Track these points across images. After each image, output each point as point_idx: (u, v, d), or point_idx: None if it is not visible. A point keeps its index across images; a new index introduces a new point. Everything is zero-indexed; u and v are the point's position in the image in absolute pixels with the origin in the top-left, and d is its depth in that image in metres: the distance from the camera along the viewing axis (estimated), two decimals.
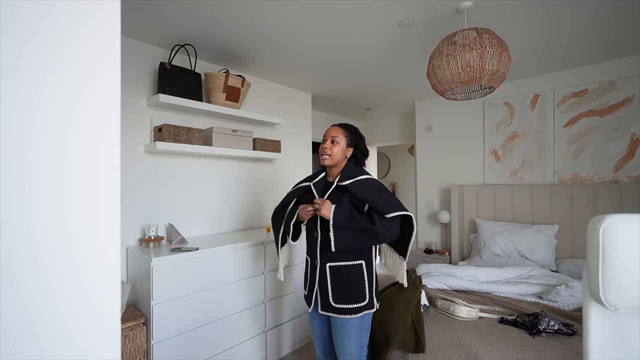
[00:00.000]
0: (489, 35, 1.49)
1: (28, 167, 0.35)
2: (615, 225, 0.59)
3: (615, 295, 0.59)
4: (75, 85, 0.38)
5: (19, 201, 0.34)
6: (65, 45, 0.37)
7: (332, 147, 1.38)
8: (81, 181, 0.38)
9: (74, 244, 0.38)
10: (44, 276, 0.36)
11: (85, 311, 0.39)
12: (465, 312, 1.70)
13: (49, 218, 0.36)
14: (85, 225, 0.38)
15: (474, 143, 3.18)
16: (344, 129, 1.42)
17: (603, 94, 2.49)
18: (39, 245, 0.36)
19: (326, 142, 1.39)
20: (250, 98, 2.66)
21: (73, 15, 0.38)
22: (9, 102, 0.34)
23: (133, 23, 1.81)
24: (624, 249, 0.58)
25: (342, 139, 1.39)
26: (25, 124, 0.35)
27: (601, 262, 0.60)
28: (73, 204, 0.38)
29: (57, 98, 0.37)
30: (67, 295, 0.37)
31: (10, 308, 0.34)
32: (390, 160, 6.09)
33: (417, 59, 2.36)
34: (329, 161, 1.38)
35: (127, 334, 1.58)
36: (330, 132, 1.40)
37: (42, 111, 0.36)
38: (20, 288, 0.34)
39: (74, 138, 0.38)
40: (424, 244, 3.57)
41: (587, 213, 2.47)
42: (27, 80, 0.35)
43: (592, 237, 0.61)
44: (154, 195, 2.08)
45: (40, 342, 0.36)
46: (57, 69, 0.37)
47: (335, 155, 1.38)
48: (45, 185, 0.36)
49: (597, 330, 0.66)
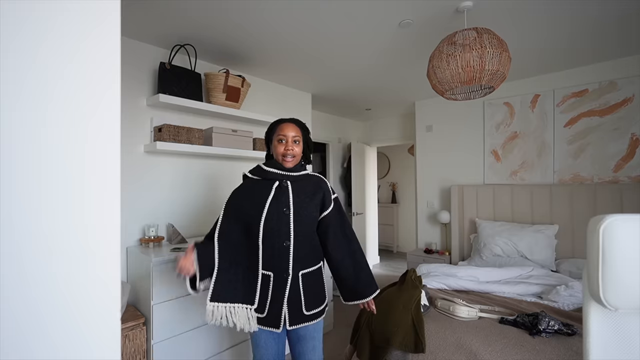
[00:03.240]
0: (489, 35, 1.49)
1: (28, 167, 0.35)
2: (615, 225, 0.59)
3: (615, 295, 0.59)
4: (75, 85, 0.38)
5: (18, 201, 0.34)
6: (65, 46, 0.37)
7: (295, 147, 1.30)
8: (81, 181, 0.38)
9: (74, 243, 0.38)
10: (44, 276, 0.36)
11: (85, 311, 0.39)
12: (465, 312, 1.70)
13: (48, 218, 0.36)
14: (85, 225, 0.38)
15: (474, 143, 3.18)
16: (301, 127, 1.34)
17: (603, 94, 2.49)
18: (38, 245, 0.36)
19: (288, 143, 1.28)
20: (250, 98, 2.66)
21: (73, 15, 0.38)
22: (10, 102, 0.34)
23: (133, 23, 1.81)
24: (624, 249, 0.58)
25: (300, 138, 1.32)
26: (25, 124, 0.35)
27: (601, 262, 0.60)
28: (73, 204, 0.38)
29: (57, 98, 0.37)
30: (67, 295, 0.37)
31: (9, 308, 0.34)
32: (390, 160, 6.09)
33: (417, 59, 2.36)
34: (292, 163, 1.30)
35: (127, 334, 1.58)
36: (290, 131, 1.29)
37: (42, 112, 0.36)
38: (20, 288, 0.34)
39: (74, 138, 0.38)
40: (424, 244, 3.57)
41: (587, 213, 2.47)
42: (27, 81, 0.35)
43: (592, 237, 0.61)
44: (154, 195, 2.08)
45: (41, 342, 0.36)
46: (57, 69, 0.37)
47: (298, 155, 1.31)
48: (45, 185, 0.36)
49: (597, 330, 0.66)
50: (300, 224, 1.25)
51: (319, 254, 1.34)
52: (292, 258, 1.23)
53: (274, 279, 1.23)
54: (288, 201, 1.25)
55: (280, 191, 1.26)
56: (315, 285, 1.30)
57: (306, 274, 1.27)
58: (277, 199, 1.25)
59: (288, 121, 1.33)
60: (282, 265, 1.23)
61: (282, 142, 1.29)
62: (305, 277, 1.27)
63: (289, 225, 1.23)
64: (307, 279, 1.27)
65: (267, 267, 1.24)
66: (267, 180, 1.29)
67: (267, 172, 1.29)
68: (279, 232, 1.23)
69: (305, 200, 1.28)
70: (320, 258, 1.34)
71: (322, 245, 1.35)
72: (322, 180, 1.37)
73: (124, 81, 1.94)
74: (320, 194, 1.32)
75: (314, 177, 1.37)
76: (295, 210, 1.24)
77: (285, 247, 1.23)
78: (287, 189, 1.27)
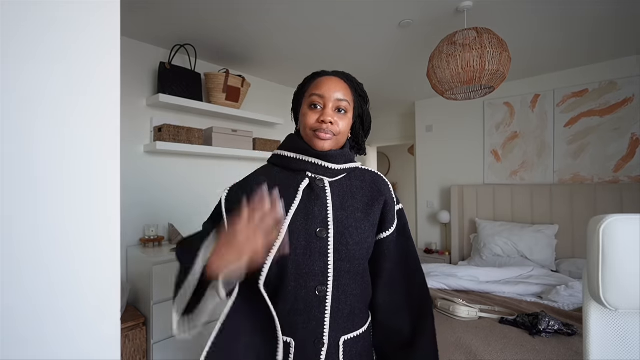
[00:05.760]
0: (489, 35, 1.49)
1: (28, 167, 0.35)
2: (615, 225, 0.59)
3: (615, 295, 0.59)
4: (76, 85, 0.38)
5: (18, 201, 0.34)
6: (65, 46, 0.37)
7: (339, 118, 0.74)
8: (81, 181, 0.38)
9: (74, 243, 0.38)
10: (44, 276, 0.36)
11: (85, 311, 0.39)
12: (465, 312, 1.70)
13: (48, 218, 0.36)
14: (85, 225, 0.38)
15: (474, 143, 3.18)
16: (353, 87, 0.78)
17: (603, 94, 2.49)
18: (38, 245, 0.36)
19: (326, 109, 0.73)
20: (250, 98, 2.66)
21: (73, 15, 0.38)
22: (10, 102, 0.34)
23: (133, 23, 1.81)
24: (624, 249, 0.58)
25: (350, 105, 0.76)
26: (25, 124, 0.35)
27: (601, 262, 0.60)
28: (73, 204, 0.38)
29: (57, 98, 0.37)
30: (67, 295, 0.37)
31: (10, 308, 0.34)
32: (390, 160, 6.09)
33: (417, 59, 2.36)
34: (330, 144, 0.74)
35: (127, 334, 1.58)
36: (333, 89, 0.73)
37: (43, 112, 0.36)
38: (21, 288, 0.34)
39: (74, 138, 0.38)
40: (424, 244, 3.57)
41: (587, 213, 2.47)
42: (27, 81, 0.35)
43: (592, 237, 0.61)
44: (154, 195, 2.08)
45: (40, 342, 0.36)
46: (57, 69, 0.37)
47: (342, 134, 0.75)
48: (45, 185, 0.36)
49: (597, 330, 0.66)
50: (345, 256, 0.71)
51: (363, 306, 0.78)
52: (330, 315, 0.70)
53: (297, 349, 0.70)
54: (325, 214, 0.71)
55: (312, 196, 0.73)
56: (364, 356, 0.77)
57: (351, 341, 0.74)
58: (305, 210, 0.72)
59: (331, 74, 0.77)
60: (311, 326, 0.70)
61: (315, 108, 0.74)
62: (350, 346, 0.74)
63: (325, 257, 0.69)
64: (353, 348, 0.74)
65: (284, 330, 0.70)
66: (291, 173, 0.77)
67: (289, 158, 0.77)
68: (308, 271, 0.69)
69: (355, 214, 0.74)
70: (367, 313, 0.81)
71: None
72: (380, 179, 0.81)
73: (124, 81, 1.94)
74: (380, 203, 0.77)
75: (367, 173, 0.81)
76: (337, 231, 0.71)
77: (317, 296, 0.69)
78: (324, 191, 0.74)
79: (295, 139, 0.78)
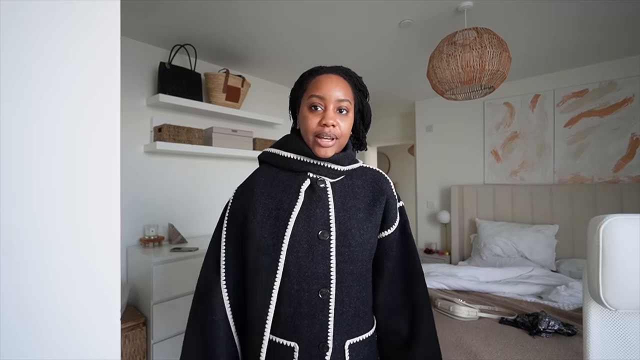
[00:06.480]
0: (489, 35, 1.49)
1: (28, 167, 0.35)
2: (615, 225, 0.59)
3: (615, 295, 0.59)
4: (75, 85, 0.38)
5: (19, 201, 0.34)
6: (65, 45, 0.37)
7: (341, 119, 0.72)
8: (81, 181, 0.38)
9: (74, 243, 0.38)
10: (44, 276, 0.36)
11: (85, 311, 0.39)
12: (465, 312, 1.70)
13: (49, 218, 0.36)
14: (85, 225, 0.38)
15: (474, 143, 3.18)
16: (352, 83, 0.76)
17: (603, 94, 2.49)
18: (38, 245, 0.36)
19: (328, 111, 0.71)
20: (250, 98, 2.66)
21: (73, 15, 0.38)
22: (11, 102, 0.34)
23: (133, 23, 1.81)
24: (624, 249, 0.58)
25: (351, 104, 0.74)
26: (25, 124, 0.35)
27: (601, 262, 0.60)
28: (73, 204, 0.38)
29: (56, 98, 0.37)
30: (67, 295, 0.37)
31: (10, 308, 0.34)
32: (390, 160, 6.09)
33: (417, 59, 2.36)
34: (333, 149, 0.73)
35: (127, 334, 1.58)
36: (333, 88, 0.71)
37: (43, 111, 0.36)
38: (21, 288, 0.34)
39: (74, 138, 0.38)
40: (424, 244, 3.57)
41: (587, 213, 2.47)
42: (27, 81, 0.35)
43: (592, 237, 0.62)
44: (154, 195, 2.08)
45: (41, 342, 0.36)
46: (57, 69, 0.37)
47: (344, 136, 0.74)
48: (45, 185, 0.36)
49: (597, 330, 0.66)
50: (347, 257, 0.70)
51: (368, 310, 0.77)
52: (334, 318, 0.70)
53: (301, 354, 0.69)
54: (327, 216, 0.71)
55: (313, 197, 0.72)
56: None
57: (357, 345, 0.73)
58: (307, 212, 0.71)
59: (330, 71, 0.74)
60: (314, 330, 0.69)
61: (316, 110, 0.71)
62: (356, 351, 0.72)
63: (328, 260, 0.69)
64: (359, 353, 0.73)
65: (287, 334, 0.70)
66: (290, 174, 0.76)
67: (289, 159, 0.75)
68: (311, 274, 0.69)
69: (357, 214, 0.73)
70: (372, 317, 0.79)
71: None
72: (381, 177, 0.82)
73: (124, 81, 1.94)
74: (382, 202, 0.77)
75: (369, 171, 0.82)
76: (339, 233, 0.70)
77: (321, 299, 0.69)
78: (325, 192, 0.73)
79: (295, 139, 0.76)
